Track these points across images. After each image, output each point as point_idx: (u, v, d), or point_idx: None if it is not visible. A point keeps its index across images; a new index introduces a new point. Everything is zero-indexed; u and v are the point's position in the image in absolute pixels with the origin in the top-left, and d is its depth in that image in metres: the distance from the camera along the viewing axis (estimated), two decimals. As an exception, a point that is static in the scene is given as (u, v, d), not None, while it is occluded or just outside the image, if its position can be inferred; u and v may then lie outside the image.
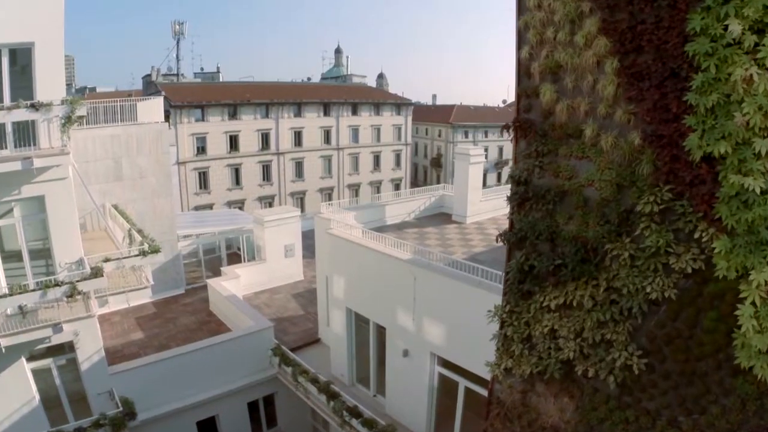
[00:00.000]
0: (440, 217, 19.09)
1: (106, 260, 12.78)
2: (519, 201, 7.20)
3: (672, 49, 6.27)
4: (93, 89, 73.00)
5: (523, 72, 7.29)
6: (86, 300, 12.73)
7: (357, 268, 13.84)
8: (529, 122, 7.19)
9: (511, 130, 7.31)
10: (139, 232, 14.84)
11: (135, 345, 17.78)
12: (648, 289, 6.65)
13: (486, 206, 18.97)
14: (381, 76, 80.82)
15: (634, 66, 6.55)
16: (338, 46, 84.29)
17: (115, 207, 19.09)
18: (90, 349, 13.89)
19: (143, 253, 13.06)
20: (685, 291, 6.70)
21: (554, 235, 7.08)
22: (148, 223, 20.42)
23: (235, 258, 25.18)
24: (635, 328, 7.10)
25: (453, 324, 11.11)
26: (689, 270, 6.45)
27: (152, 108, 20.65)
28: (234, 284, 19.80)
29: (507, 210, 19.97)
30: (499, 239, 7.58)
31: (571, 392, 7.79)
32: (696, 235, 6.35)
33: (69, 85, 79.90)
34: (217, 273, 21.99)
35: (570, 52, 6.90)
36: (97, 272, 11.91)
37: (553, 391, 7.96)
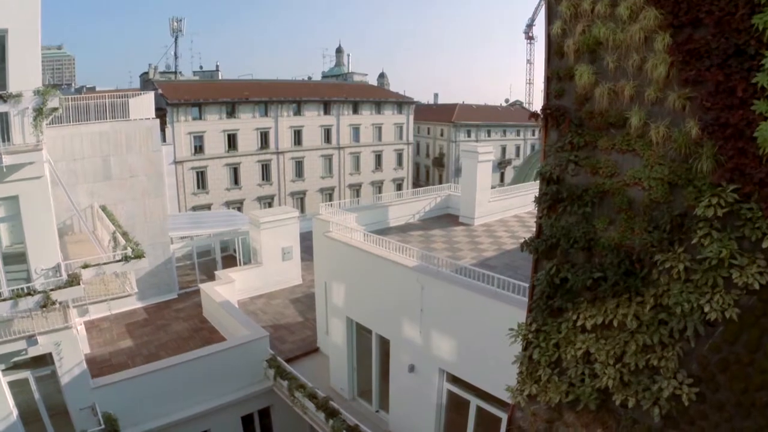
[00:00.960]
0: (446, 218, 18.03)
1: (85, 266, 11.72)
2: (550, 203, 6.12)
3: (737, 22, 5.22)
4: (92, 89, 72.19)
5: (554, 51, 6.21)
6: (64, 310, 11.69)
7: (358, 275, 12.75)
8: (561, 109, 6.12)
9: (540, 119, 6.22)
10: (124, 235, 13.78)
11: (123, 354, 16.77)
12: (706, 308, 5.59)
13: (495, 207, 17.93)
14: (382, 76, 79.72)
15: (690, 42, 5.49)
16: (339, 45, 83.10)
17: (103, 208, 18.03)
18: (70, 361, 12.86)
19: (126, 259, 12.01)
20: (748, 310, 5.65)
21: (592, 242, 6.01)
22: (139, 225, 19.47)
23: (231, 261, 24.12)
24: (685, 353, 6.06)
25: (465, 338, 10.02)
26: (756, 285, 5.39)
27: (143, 104, 19.61)
28: (228, 289, 18.73)
29: (517, 211, 19.12)
30: (525, 247, 6.50)
31: (606, 423, 6.73)
32: (764, 244, 5.30)
33: (69, 85, 78.99)
34: (212, 276, 20.95)
35: (611, 27, 5.84)
36: (73, 280, 10.85)
37: (584, 422, 6.90)
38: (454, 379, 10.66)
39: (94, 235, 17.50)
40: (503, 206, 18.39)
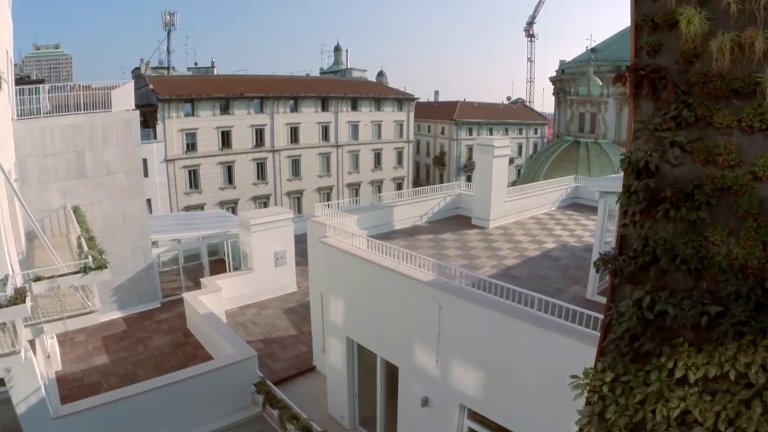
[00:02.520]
0: (457, 220, 16.22)
1: (37, 279, 9.87)
2: (644, 204, 4.28)
3: None
4: (88, 87, 69.93)
5: (645, -11, 4.38)
6: (12, 331, 9.84)
7: (360, 289, 10.88)
8: (658, 71, 4.29)
9: (626, 83, 4.37)
10: (90, 240, 11.92)
11: (98, 371, 14.97)
12: None
13: (510, 207, 16.13)
14: (381, 74, 77.60)
15: None
16: (338, 43, 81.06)
17: (75, 209, 16.16)
18: (25, 388, 10.96)
19: (85, 270, 10.15)
20: None
21: (704, 261, 4.18)
22: (117, 227, 17.67)
23: (221, 265, 22.25)
24: (826, 415, 4.27)
25: (493, 370, 8.20)
26: None
27: (121, 95, 17.76)
28: (214, 299, 16.88)
29: (534, 212, 17.30)
30: (602, 267, 4.66)
31: (701, 502, 4.92)
32: None
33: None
34: (199, 283, 19.10)
35: (733, -48, 4.01)
36: (18, 297, 9.00)
37: (669, 499, 5.08)
38: (477, 417, 8.82)
39: (67, 239, 15.73)
40: (519, 207, 16.61)
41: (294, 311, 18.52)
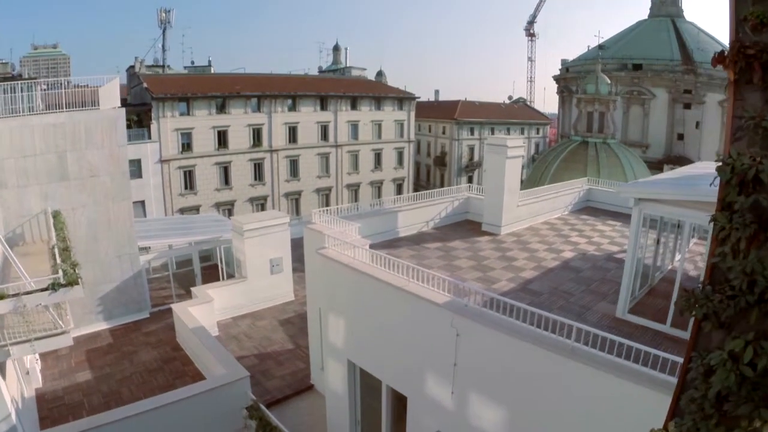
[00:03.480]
0: (466, 226, 15.12)
1: (1, 297, 8.77)
2: (753, 229, 3.18)
3: None
4: (86, 86, 69.05)
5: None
6: (-29, 355, 8.78)
7: (363, 307, 9.73)
8: (771, 49, 3.20)
9: (728, 66, 3.29)
10: (64, 251, 10.81)
11: (80, 389, 13.93)
12: None
13: (523, 212, 15.05)
14: (380, 74, 76.46)
15: None
16: (336, 43, 79.80)
17: (55, 214, 15.08)
18: (-8, 415, 9.88)
19: (54, 287, 9.04)
20: None
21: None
22: (102, 233, 16.62)
23: (215, 271, 21.14)
24: None
25: (519, 407, 7.09)
26: None
27: (106, 92, 16.67)
28: (205, 310, 15.78)
29: (547, 216, 16.18)
30: (689, 309, 3.57)
31: None
32: None
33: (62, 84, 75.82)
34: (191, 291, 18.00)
35: None
36: (-27, 319, 7.92)
37: None
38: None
39: (48, 246, 14.64)
40: (531, 211, 15.53)
41: (290, 322, 17.42)
